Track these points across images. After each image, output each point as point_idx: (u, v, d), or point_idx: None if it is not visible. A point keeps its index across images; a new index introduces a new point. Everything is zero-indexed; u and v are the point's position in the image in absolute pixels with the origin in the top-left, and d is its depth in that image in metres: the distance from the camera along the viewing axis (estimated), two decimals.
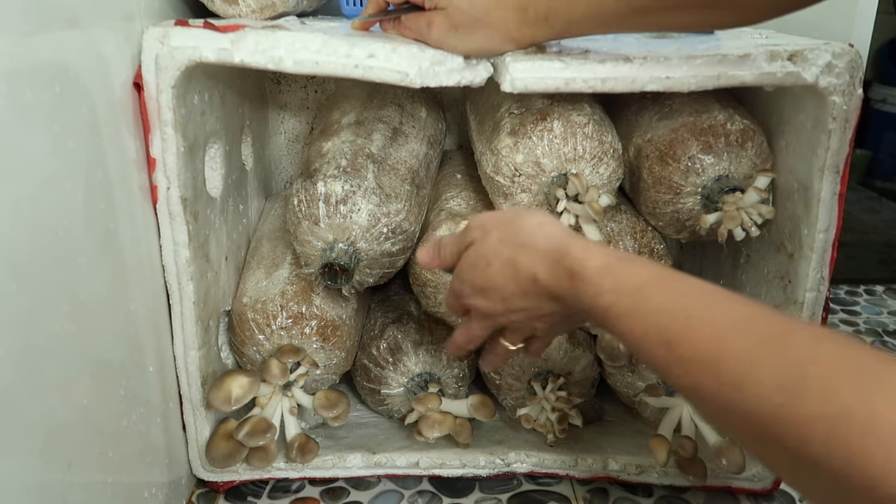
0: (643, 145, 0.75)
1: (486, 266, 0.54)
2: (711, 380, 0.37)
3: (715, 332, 0.39)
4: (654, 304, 0.42)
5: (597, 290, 0.46)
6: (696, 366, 0.39)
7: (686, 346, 0.39)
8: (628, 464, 0.77)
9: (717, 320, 0.39)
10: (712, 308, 0.40)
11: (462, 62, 0.62)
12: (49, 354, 0.48)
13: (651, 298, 0.43)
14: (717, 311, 0.40)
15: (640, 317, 0.43)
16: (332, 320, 0.76)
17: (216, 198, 0.74)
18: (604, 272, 0.46)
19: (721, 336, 0.38)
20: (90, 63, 0.54)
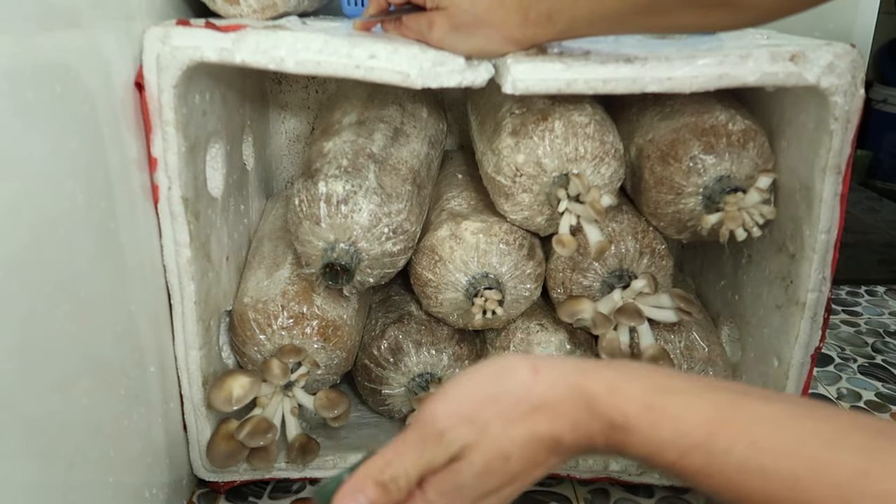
0: (644, 145, 0.75)
1: (504, 463, 0.42)
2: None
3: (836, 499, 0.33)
4: (737, 459, 0.36)
5: (653, 446, 0.39)
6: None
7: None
8: (629, 464, 0.77)
9: (832, 483, 0.34)
10: (819, 462, 0.34)
11: (463, 63, 0.62)
12: (49, 354, 0.48)
13: (731, 452, 0.36)
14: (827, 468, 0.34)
15: (724, 475, 0.36)
16: (333, 320, 0.76)
17: (217, 198, 0.74)
18: (654, 419, 0.39)
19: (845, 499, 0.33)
20: (91, 63, 0.54)
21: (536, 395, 0.41)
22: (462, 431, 0.42)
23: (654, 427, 0.39)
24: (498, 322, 0.78)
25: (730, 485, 0.37)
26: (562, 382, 0.41)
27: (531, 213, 0.73)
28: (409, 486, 0.43)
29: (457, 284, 0.75)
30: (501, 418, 0.41)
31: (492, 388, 0.43)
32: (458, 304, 0.76)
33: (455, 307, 0.76)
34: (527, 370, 0.42)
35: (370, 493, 0.42)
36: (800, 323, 0.71)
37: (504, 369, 0.43)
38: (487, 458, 0.41)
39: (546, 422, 0.41)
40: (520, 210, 0.73)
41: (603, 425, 0.40)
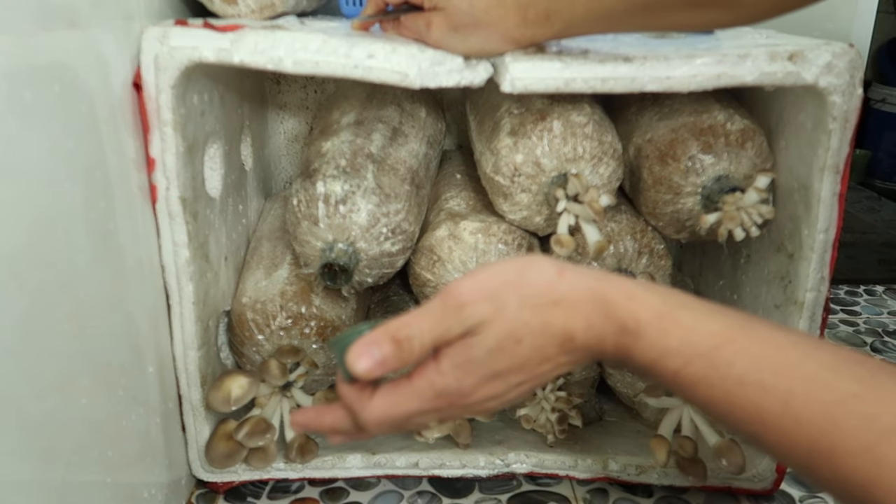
0: (643, 145, 0.75)
1: (515, 345, 0.43)
2: (828, 470, 0.34)
3: (825, 418, 0.35)
4: (738, 372, 0.38)
5: (660, 351, 0.40)
6: (806, 453, 0.35)
7: (789, 430, 0.36)
8: (628, 464, 0.77)
9: (823, 400, 0.35)
10: (814, 383, 0.36)
11: (462, 62, 0.62)
12: (48, 354, 0.48)
13: (734, 365, 0.38)
14: (821, 388, 0.36)
15: (723, 387, 0.38)
16: (332, 320, 0.76)
17: (216, 198, 0.74)
18: (664, 327, 0.41)
19: (833, 423, 0.34)
20: (90, 63, 0.54)
21: (557, 291, 0.43)
22: (481, 307, 0.43)
23: (663, 334, 0.40)
24: None
25: (727, 397, 0.38)
26: (583, 284, 0.43)
27: (530, 212, 0.73)
28: (421, 350, 0.44)
29: None
30: (520, 303, 0.43)
31: (517, 276, 0.45)
32: None
33: None
34: (552, 268, 0.45)
35: (385, 348, 0.44)
36: (798, 322, 0.71)
37: (532, 263, 0.45)
38: (500, 336, 0.43)
39: (561, 316, 0.43)
40: (518, 210, 0.73)
41: (616, 328, 0.42)
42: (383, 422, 0.47)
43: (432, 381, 0.45)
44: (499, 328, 0.43)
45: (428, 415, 0.47)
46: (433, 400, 0.46)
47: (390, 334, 0.44)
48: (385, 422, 0.47)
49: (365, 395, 0.47)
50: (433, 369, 0.45)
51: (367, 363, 0.44)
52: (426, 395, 0.45)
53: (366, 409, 0.47)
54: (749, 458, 0.74)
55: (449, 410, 0.47)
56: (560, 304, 0.43)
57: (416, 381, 0.45)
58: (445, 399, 0.45)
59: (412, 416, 0.47)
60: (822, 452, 0.35)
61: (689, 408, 0.74)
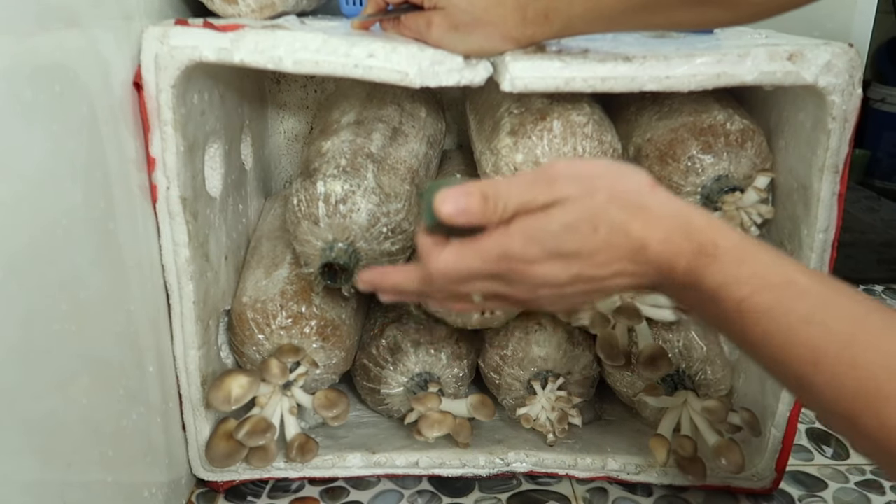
0: (643, 145, 0.75)
1: (590, 231, 0.44)
2: (873, 419, 0.35)
3: (881, 366, 0.35)
4: (804, 310, 0.38)
5: (731, 277, 0.41)
6: (854, 398, 0.36)
7: (842, 374, 0.36)
8: (628, 463, 0.77)
9: (883, 350, 0.36)
10: (876, 334, 0.37)
11: (462, 62, 0.62)
12: (48, 354, 0.48)
13: (800, 302, 0.39)
14: (883, 339, 0.36)
15: (786, 321, 0.38)
16: (332, 320, 0.76)
17: (216, 197, 0.74)
18: (741, 256, 0.41)
19: (888, 371, 0.35)
20: (90, 62, 0.54)
21: (647, 200, 0.45)
22: (572, 186, 0.44)
23: (737, 262, 0.41)
24: (496, 321, 0.78)
25: (788, 331, 0.38)
26: (672, 204, 0.45)
27: None
28: (504, 212, 0.45)
29: None
30: (609, 195, 0.44)
31: (614, 174, 0.46)
32: None
33: None
34: (647, 180, 0.46)
35: (473, 199, 0.45)
36: None
37: (631, 169, 0.47)
38: (579, 215, 0.44)
39: (642, 223, 0.44)
40: None
41: (692, 248, 0.42)
42: (448, 273, 0.47)
43: (500, 241, 0.45)
44: (580, 208, 0.44)
45: (489, 282, 0.48)
46: (496, 262, 0.46)
47: (481, 190, 0.45)
48: (450, 273, 0.47)
49: (438, 246, 0.48)
50: (503, 231, 0.45)
51: (452, 207, 0.45)
52: (491, 255, 0.46)
53: (435, 259, 0.48)
54: (748, 457, 0.74)
55: (508, 281, 0.47)
56: (645, 211, 0.44)
57: (485, 240, 0.46)
58: (506, 263, 0.46)
59: (475, 275, 0.47)
60: (871, 399, 0.35)
61: (688, 407, 0.74)
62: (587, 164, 0.47)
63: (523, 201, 0.45)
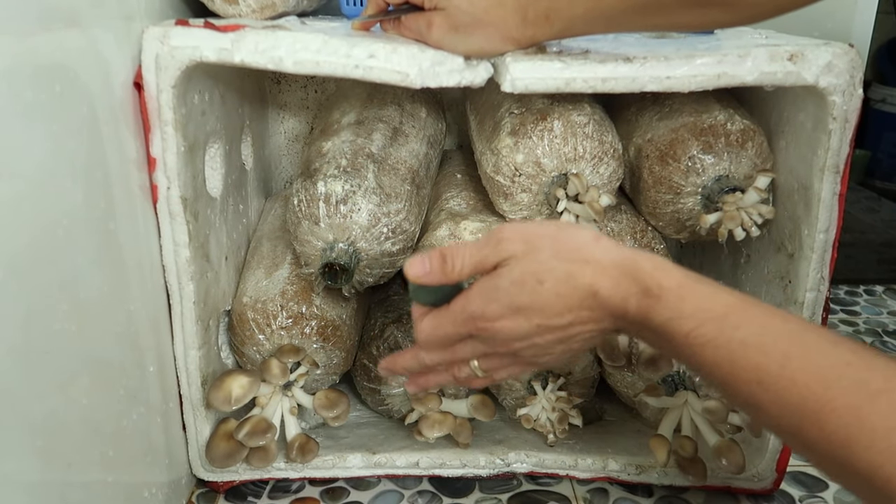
0: (643, 145, 0.75)
1: (536, 284, 0.48)
2: (814, 430, 0.37)
3: (817, 379, 0.37)
4: (743, 335, 0.41)
5: (676, 313, 0.44)
6: (796, 412, 0.38)
7: (783, 390, 0.38)
8: (628, 464, 0.77)
9: (818, 364, 0.38)
10: (811, 349, 0.39)
11: (462, 62, 0.62)
12: (49, 354, 0.48)
13: (740, 329, 0.42)
14: (817, 354, 0.39)
15: (728, 349, 0.41)
16: (332, 320, 0.76)
17: (216, 197, 0.74)
18: (683, 294, 0.45)
19: (824, 384, 0.37)
20: (90, 63, 0.54)
21: (590, 253, 0.48)
22: (516, 245, 0.50)
23: (680, 300, 0.44)
24: None
25: (730, 357, 0.41)
26: (616, 251, 0.48)
27: (530, 212, 0.73)
28: (461, 270, 0.51)
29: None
30: (552, 252, 0.49)
31: (556, 232, 0.50)
32: None
33: None
34: (590, 234, 0.50)
35: (434, 260, 0.52)
36: None
37: (573, 227, 0.52)
38: (524, 271, 0.49)
39: (589, 273, 0.48)
40: (519, 210, 0.73)
41: (639, 290, 0.46)
42: (429, 338, 0.54)
43: (463, 305, 0.51)
44: (524, 265, 0.49)
45: (469, 344, 0.53)
46: (463, 323, 0.51)
47: (440, 251, 0.52)
48: (430, 338, 0.54)
49: (420, 317, 0.54)
50: (465, 295, 0.51)
51: (417, 269, 0.52)
52: (458, 318, 0.52)
53: (418, 328, 0.54)
54: (749, 457, 0.74)
55: (483, 340, 0.52)
56: (590, 264, 0.48)
57: (452, 306, 0.52)
58: (472, 322, 0.51)
59: (451, 337, 0.53)
60: (811, 411, 0.38)
61: (689, 408, 0.74)
62: (531, 225, 0.53)
63: (476, 261, 0.51)
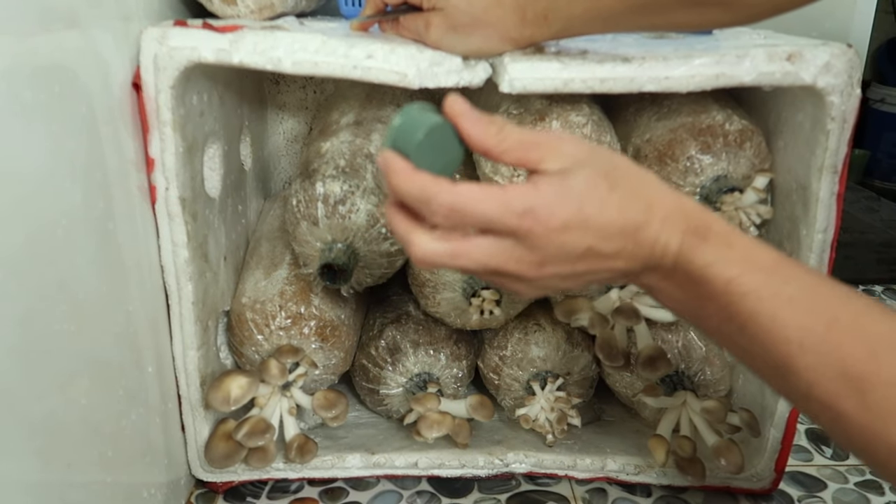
0: (642, 145, 0.75)
1: (608, 189, 0.42)
2: (852, 400, 0.35)
3: (865, 347, 0.36)
4: (791, 291, 0.39)
5: (721, 257, 0.41)
6: (836, 379, 0.36)
7: (826, 354, 0.37)
8: (627, 464, 0.77)
9: (867, 331, 0.36)
10: (860, 316, 0.37)
11: (460, 63, 0.62)
12: (48, 354, 0.48)
13: (787, 285, 0.40)
14: (866, 321, 0.37)
15: (772, 302, 0.39)
16: (331, 320, 0.76)
17: (215, 198, 0.74)
18: (731, 240, 0.42)
19: (872, 352, 0.35)
20: (89, 63, 0.54)
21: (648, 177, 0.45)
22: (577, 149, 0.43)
23: (727, 245, 0.42)
24: (495, 322, 0.78)
25: (774, 312, 0.39)
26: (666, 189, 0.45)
27: None
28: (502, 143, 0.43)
29: (454, 284, 0.75)
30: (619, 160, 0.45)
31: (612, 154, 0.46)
32: (456, 303, 0.76)
33: (453, 307, 0.76)
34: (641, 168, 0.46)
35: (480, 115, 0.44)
36: None
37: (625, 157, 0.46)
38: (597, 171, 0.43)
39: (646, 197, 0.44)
40: None
41: (688, 227, 0.43)
42: (456, 209, 0.41)
43: (527, 194, 0.41)
44: (596, 165, 0.43)
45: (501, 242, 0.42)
46: (517, 217, 0.41)
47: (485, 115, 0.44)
48: (458, 210, 0.41)
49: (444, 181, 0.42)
50: (530, 186, 0.42)
51: (461, 106, 0.43)
52: (514, 207, 0.41)
53: (445, 191, 0.41)
54: (747, 457, 0.74)
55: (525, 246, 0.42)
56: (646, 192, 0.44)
57: (509, 189, 0.42)
58: (529, 222, 0.41)
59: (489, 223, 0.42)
60: (853, 379, 0.36)
61: (687, 408, 0.74)
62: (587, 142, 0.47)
63: (526, 143, 0.43)
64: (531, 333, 0.79)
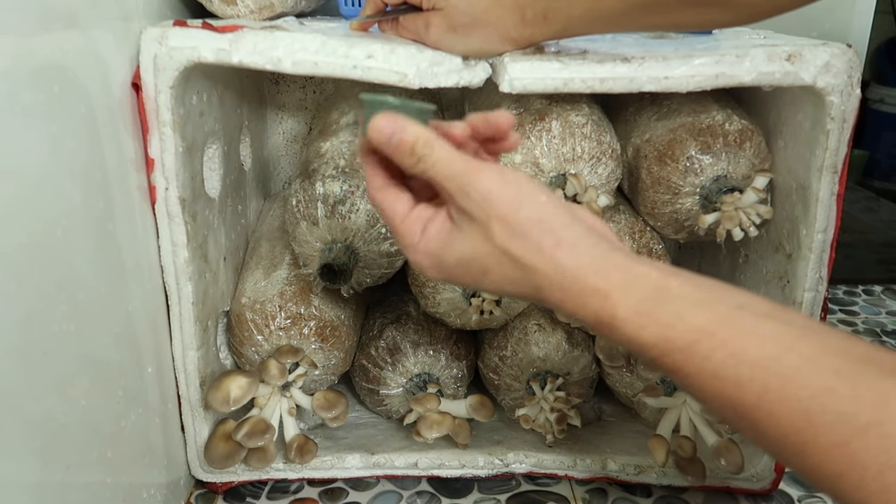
0: (641, 145, 0.75)
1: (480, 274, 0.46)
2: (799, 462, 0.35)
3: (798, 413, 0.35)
4: (714, 366, 0.38)
5: (638, 342, 0.40)
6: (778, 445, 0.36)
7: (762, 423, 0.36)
8: (627, 464, 0.77)
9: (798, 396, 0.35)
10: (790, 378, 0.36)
11: (460, 63, 0.62)
12: (48, 355, 0.48)
13: (710, 359, 0.38)
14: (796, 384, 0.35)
15: (699, 379, 0.38)
16: (331, 321, 0.76)
17: (214, 198, 0.74)
18: (643, 324, 0.40)
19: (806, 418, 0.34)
20: (88, 63, 0.54)
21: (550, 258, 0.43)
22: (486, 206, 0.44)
23: (640, 329, 0.40)
24: (495, 322, 0.78)
25: (702, 388, 0.38)
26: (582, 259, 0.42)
27: None
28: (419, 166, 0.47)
29: (454, 284, 0.75)
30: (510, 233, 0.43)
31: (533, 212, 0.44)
32: (456, 304, 0.76)
33: (453, 307, 0.76)
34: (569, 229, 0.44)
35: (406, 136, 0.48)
36: None
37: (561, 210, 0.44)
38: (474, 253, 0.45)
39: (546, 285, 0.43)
40: None
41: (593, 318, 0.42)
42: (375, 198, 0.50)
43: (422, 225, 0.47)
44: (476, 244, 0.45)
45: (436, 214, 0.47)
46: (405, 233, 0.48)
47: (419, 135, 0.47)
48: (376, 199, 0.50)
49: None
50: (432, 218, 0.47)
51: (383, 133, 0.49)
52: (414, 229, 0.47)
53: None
54: (748, 457, 0.74)
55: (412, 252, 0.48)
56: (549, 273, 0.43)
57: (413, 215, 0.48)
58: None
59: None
60: (794, 446, 0.35)
61: (688, 408, 0.74)
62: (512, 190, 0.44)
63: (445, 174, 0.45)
64: (531, 333, 0.79)
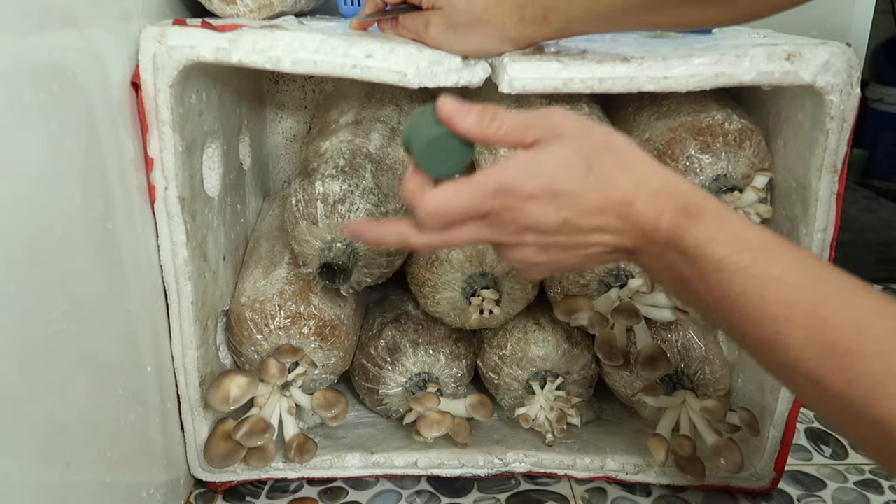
0: (641, 145, 0.75)
1: (582, 170, 0.45)
2: (838, 373, 0.36)
3: (851, 322, 0.37)
4: (779, 270, 0.40)
5: (711, 236, 0.42)
6: (822, 353, 0.37)
7: (813, 329, 0.38)
8: (626, 463, 0.77)
9: (854, 307, 0.37)
10: (847, 293, 0.38)
11: (460, 62, 0.62)
12: (47, 354, 0.48)
13: (776, 264, 0.40)
14: (853, 297, 0.38)
15: (760, 279, 0.40)
16: (331, 320, 0.76)
17: (214, 197, 0.74)
18: (721, 219, 0.43)
19: (857, 328, 0.36)
20: (88, 62, 0.54)
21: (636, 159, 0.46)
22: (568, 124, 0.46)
23: (718, 225, 0.43)
24: (495, 321, 0.78)
25: (763, 290, 0.40)
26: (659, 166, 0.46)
27: None
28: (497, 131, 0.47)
29: (454, 284, 0.75)
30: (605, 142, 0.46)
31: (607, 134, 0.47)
32: (456, 303, 0.76)
33: (452, 306, 0.76)
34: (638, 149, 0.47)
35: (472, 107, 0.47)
36: None
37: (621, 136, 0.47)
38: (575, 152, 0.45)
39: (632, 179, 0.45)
40: None
41: (677, 207, 0.44)
42: (437, 214, 0.46)
43: (495, 175, 0.45)
44: (575, 145, 0.45)
45: (478, 224, 0.47)
46: (492, 196, 0.45)
47: (479, 106, 0.47)
48: (438, 215, 0.46)
49: (428, 186, 0.47)
50: (500, 167, 0.46)
51: (452, 106, 0.47)
52: (487, 188, 0.45)
53: (426, 199, 0.46)
54: (747, 457, 0.74)
55: (498, 220, 0.46)
56: (635, 169, 0.45)
57: (479, 176, 0.46)
58: (502, 198, 0.45)
59: (469, 213, 0.46)
60: (839, 354, 0.36)
61: (687, 407, 0.74)
62: (584, 122, 0.48)
63: (520, 126, 0.46)
64: (531, 333, 0.79)
